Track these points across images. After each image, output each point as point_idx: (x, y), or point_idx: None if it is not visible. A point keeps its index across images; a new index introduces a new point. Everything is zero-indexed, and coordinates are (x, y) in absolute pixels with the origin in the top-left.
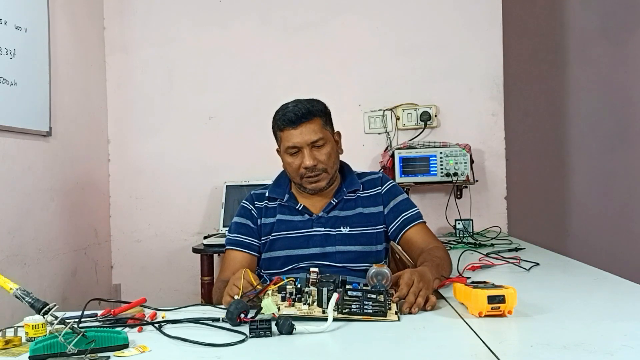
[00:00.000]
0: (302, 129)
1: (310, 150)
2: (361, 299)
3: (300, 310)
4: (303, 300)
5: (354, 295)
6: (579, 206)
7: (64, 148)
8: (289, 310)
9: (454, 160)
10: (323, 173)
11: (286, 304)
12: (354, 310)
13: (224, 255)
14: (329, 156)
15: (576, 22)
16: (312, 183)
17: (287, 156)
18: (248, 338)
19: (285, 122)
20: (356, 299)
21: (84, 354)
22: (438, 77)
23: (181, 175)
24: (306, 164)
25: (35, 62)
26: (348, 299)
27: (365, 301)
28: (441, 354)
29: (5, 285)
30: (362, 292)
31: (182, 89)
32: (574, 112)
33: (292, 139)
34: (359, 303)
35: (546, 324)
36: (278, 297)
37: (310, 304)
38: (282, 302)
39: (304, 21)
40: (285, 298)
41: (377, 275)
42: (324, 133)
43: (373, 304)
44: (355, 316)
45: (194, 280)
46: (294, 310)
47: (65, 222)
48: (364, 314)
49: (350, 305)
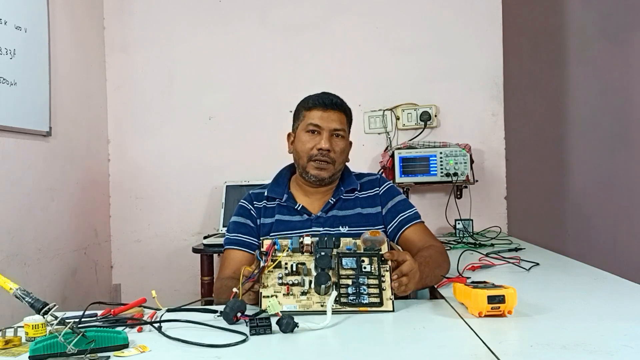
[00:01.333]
0: (330, 114)
1: (329, 136)
2: (356, 275)
3: (299, 301)
4: (299, 284)
5: (348, 267)
6: (579, 206)
7: (64, 148)
8: (288, 300)
9: (454, 160)
10: (331, 164)
11: (284, 291)
12: (350, 300)
13: (223, 255)
14: (342, 151)
15: (576, 22)
16: (318, 169)
17: (305, 134)
18: (248, 338)
19: (317, 102)
20: (352, 277)
21: (84, 354)
22: (438, 77)
23: (181, 175)
24: (323, 145)
25: (35, 62)
26: (344, 280)
27: (361, 278)
28: (441, 354)
29: (5, 285)
30: (356, 259)
31: (182, 89)
32: (574, 112)
33: (318, 119)
34: (355, 288)
35: (546, 324)
36: (275, 277)
37: (307, 291)
38: (280, 286)
39: (304, 21)
40: (282, 279)
41: (369, 240)
42: (345, 129)
43: (369, 288)
44: (352, 308)
45: (194, 280)
46: (293, 300)
47: (65, 222)
48: (360, 304)
49: (348, 295)
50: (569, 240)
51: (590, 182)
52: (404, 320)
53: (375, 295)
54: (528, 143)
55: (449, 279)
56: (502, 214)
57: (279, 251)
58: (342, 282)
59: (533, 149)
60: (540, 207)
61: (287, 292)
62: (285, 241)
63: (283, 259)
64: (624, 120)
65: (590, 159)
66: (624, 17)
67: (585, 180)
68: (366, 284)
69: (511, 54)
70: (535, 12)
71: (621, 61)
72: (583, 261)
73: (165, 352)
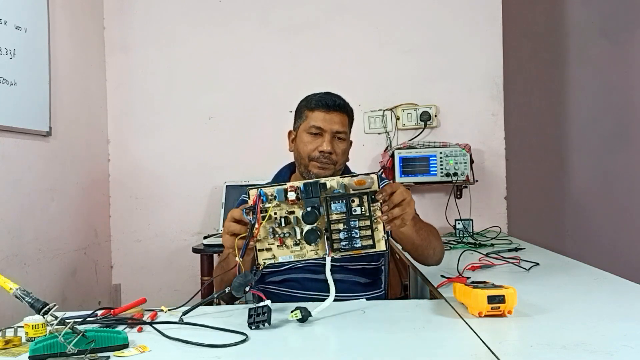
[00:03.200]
0: (333, 116)
1: (331, 138)
2: (346, 220)
3: (293, 251)
4: (291, 236)
5: (338, 212)
6: (579, 206)
7: (64, 148)
8: (282, 251)
9: (454, 160)
10: (332, 165)
11: (277, 243)
12: (343, 246)
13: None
14: (344, 153)
15: (576, 22)
16: (319, 169)
17: (306, 135)
18: (248, 338)
19: (320, 104)
20: (342, 221)
21: (84, 354)
22: (438, 77)
23: (181, 175)
24: (325, 148)
25: (35, 62)
26: (335, 224)
27: (352, 221)
28: (441, 354)
29: (5, 285)
30: (345, 202)
31: (182, 89)
32: (574, 112)
33: (320, 121)
34: (347, 233)
35: (546, 324)
36: (267, 229)
37: (299, 242)
38: (273, 239)
39: (304, 21)
40: (274, 232)
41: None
42: (347, 131)
43: (360, 231)
44: (347, 253)
45: (194, 280)
46: (287, 252)
47: (65, 222)
48: (353, 248)
49: (340, 240)
50: (568, 240)
51: (590, 182)
52: (404, 320)
53: (368, 237)
54: (528, 143)
55: (449, 279)
56: (502, 214)
57: (266, 202)
58: (333, 227)
59: (533, 149)
60: (540, 207)
61: (281, 243)
62: (270, 190)
63: (272, 210)
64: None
65: (590, 159)
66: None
67: (585, 180)
68: (357, 227)
69: (511, 54)
70: (535, 12)
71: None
72: (583, 261)
73: (165, 352)
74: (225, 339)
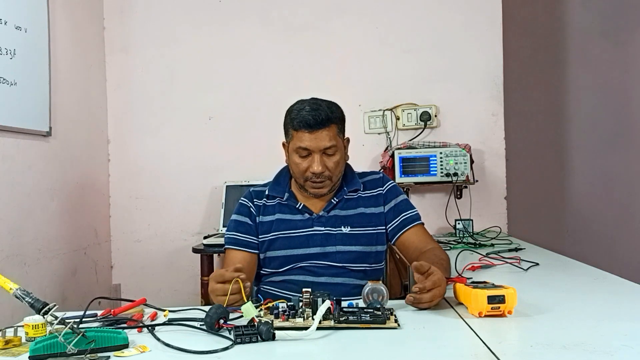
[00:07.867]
0: (317, 135)
1: (320, 156)
2: (357, 313)
3: (295, 323)
4: (298, 316)
5: (349, 311)
6: (579, 206)
7: (64, 148)
8: (284, 324)
9: (454, 160)
10: (327, 180)
11: (280, 320)
12: (351, 319)
13: (225, 255)
14: (337, 164)
15: (576, 22)
16: (315, 188)
17: (296, 156)
18: (235, 344)
19: (302, 124)
20: (352, 313)
21: (84, 354)
22: (438, 77)
23: (181, 175)
24: (315, 169)
25: (35, 62)
26: (344, 313)
27: (363, 314)
28: (441, 354)
29: (5, 285)
30: (358, 309)
31: (182, 89)
32: (574, 112)
33: (306, 142)
34: (356, 316)
35: (546, 324)
36: (271, 317)
37: (305, 318)
38: (276, 319)
39: (304, 21)
40: (278, 315)
41: (373, 293)
42: (337, 140)
43: (371, 316)
44: (353, 324)
45: (194, 280)
46: (289, 324)
47: (65, 222)
48: (361, 322)
49: (347, 317)
50: (568, 240)
51: (590, 182)
52: (404, 320)
53: (378, 315)
54: (528, 143)
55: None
56: (502, 214)
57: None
58: (342, 313)
59: (533, 148)
60: (540, 207)
61: (284, 320)
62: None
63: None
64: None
65: (590, 159)
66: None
67: (585, 180)
68: (368, 312)
69: (511, 54)
70: (535, 12)
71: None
72: (583, 261)
73: (165, 352)
74: (216, 344)
